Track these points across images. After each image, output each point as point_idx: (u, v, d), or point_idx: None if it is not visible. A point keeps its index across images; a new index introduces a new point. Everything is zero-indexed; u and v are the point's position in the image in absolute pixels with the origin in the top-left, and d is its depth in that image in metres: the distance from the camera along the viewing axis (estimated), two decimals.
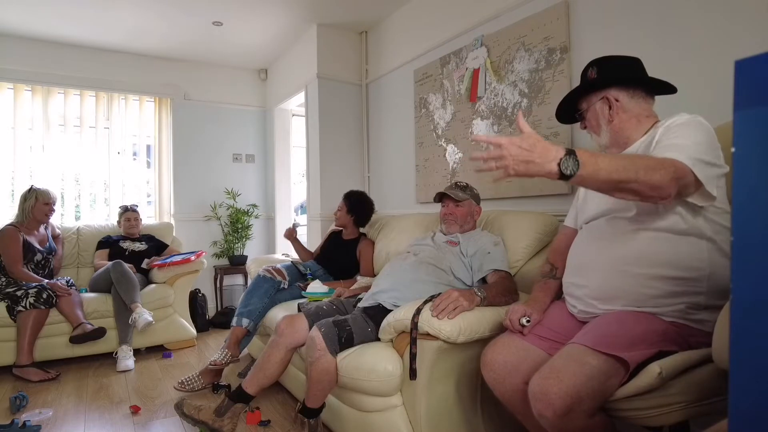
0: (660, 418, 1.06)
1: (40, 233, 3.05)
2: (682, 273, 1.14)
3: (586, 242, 1.36)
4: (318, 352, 1.65)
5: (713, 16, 1.62)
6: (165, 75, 4.17)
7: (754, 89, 0.50)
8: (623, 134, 1.32)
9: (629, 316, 1.15)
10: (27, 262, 2.88)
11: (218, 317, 3.97)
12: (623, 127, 1.31)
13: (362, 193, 2.95)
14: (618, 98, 1.31)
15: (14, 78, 3.59)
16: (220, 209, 4.36)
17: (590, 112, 1.37)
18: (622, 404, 1.08)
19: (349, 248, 2.85)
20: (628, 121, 1.31)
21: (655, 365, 1.03)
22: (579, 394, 1.03)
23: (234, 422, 1.83)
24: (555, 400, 1.03)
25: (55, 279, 3.01)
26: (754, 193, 0.50)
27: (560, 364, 1.09)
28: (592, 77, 1.36)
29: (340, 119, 3.63)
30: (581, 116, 1.42)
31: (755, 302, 0.50)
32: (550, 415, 1.04)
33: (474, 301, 1.56)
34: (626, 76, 1.33)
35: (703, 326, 1.13)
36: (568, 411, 1.03)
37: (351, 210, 2.85)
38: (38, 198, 2.95)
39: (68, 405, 2.29)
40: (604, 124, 1.34)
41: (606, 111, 1.33)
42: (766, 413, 0.49)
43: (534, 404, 1.08)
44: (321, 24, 3.52)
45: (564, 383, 1.04)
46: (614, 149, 1.35)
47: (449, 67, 2.82)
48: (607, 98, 1.32)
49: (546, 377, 1.08)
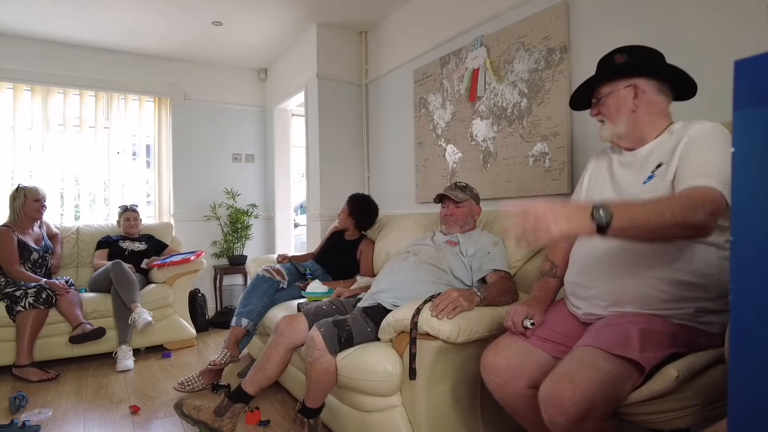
0: (674, 422, 1.03)
1: (35, 232, 3.04)
2: (694, 279, 1.12)
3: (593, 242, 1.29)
4: (317, 351, 1.65)
5: (713, 16, 1.62)
6: (164, 75, 4.17)
7: (754, 89, 0.50)
8: (640, 128, 1.26)
9: (640, 318, 1.12)
10: (24, 262, 2.88)
11: (218, 317, 3.96)
12: (643, 121, 1.26)
13: (366, 196, 2.94)
14: (645, 89, 1.25)
15: (14, 78, 3.58)
16: (219, 209, 4.35)
17: (612, 98, 1.28)
18: (636, 408, 1.05)
19: (350, 248, 2.85)
20: (649, 115, 1.26)
21: (672, 368, 1.00)
22: (594, 399, 0.99)
23: (233, 422, 1.83)
24: (569, 407, 0.99)
25: (54, 279, 3.00)
26: (753, 193, 0.50)
27: (573, 369, 1.04)
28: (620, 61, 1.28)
29: (340, 119, 3.63)
30: (599, 101, 1.32)
31: (755, 302, 0.50)
32: (563, 421, 1.00)
33: (474, 301, 1.56)
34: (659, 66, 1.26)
35: (710, 328, 1.12)
36: (583, 417, 0.99)
37: (352, 213, 2.84)
38: (27, 195, 2.93)
39: (68, 405, 2.28)
40: (625, 112, 1.27)
41: (630, 99, 1.26)
42: (765, 413, 0.49)
43: (546, 410, 1.04)
44: (321, 24, 3.52)
45: (578, 388, 0.99)
46: (626, 142, 1.30)
47: (449, 67, 2.82)
48: (635, 86, 1.25)
49: (558, 382, 1.03)
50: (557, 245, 1.48)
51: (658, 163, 1.21)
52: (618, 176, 1.31)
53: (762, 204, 0.50)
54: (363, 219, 2.87)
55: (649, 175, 1.21)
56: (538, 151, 2.26)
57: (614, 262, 1.21)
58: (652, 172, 1.21)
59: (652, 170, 1.21)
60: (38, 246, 3.01)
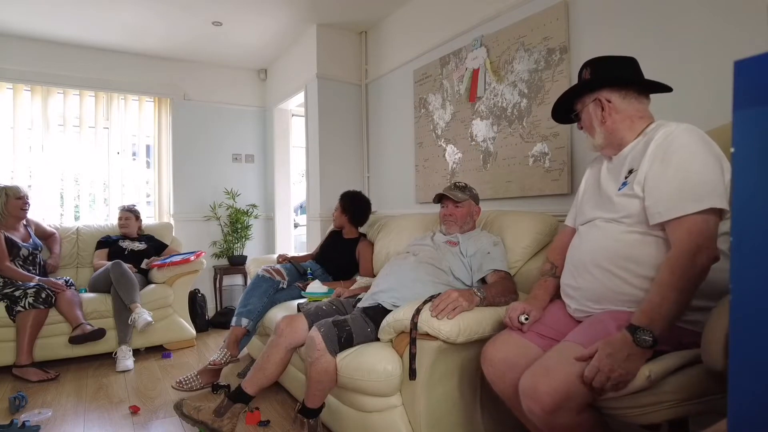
0: (651, 416, 1.06)
1: (22, 232, 3.04)
2: None
3: (580, 243, 1.37)
4: (317, 352, 1.64)
5: (713, 17, 1.62)
6: (164, 75, 4.17)
7: (754, 89, 0.50)
8: (617, 135, 1.31)
9: (622, 316, 1.16)
10: (14, 258, 2.88)
11: (218, 317, 3.96)
12: (616, 128, 1.31)
13: (356, 192, 2.95)
14: (610, 99, 1.31)
15: (13, 78, 3.58)
16: (219, 209, 4.35)
17: (584, 114, 1.37)
18: (612, 402, 1.09)
19: (348, 247, 2.85)
20: (622, 122, 1.30)
21: (644, 368, 1.04)
22: (568, 391, 1.04)
23: (233, 422, 1.83)
24: (543, 397, 1.05)
25: (51, 278, 3.00)
26: (753, 193, 0.50)
27: (551, 362, 1.11)
28: (585, 78, 1.36)
29: (340, 119, 3.63)
30: (577, 117, 1.41)
31: (755, 302, 0.50)
32: (538, 410, 1.06)
33: (473, 302, 1.56)
34: (618, 76, 1.32)
35: (695, 327, 1.13)
36: (557, 408, 1.04)
37: (345, 209, 2.86)
38: (9, 194, 2.94)
39: (67, 405, 2.28)
40: (597, 125, 1.33)
41: (599, 112, 1.33)
42: (765, 413, 0.49)
43: (523, 400, 1.10)
44: (320, 24, 3.52)
45: (554, 380, 1.05)
46: (609, 150, 1.35)
47: (449, 68, 2.82)
48: (599, 100, 1.32)
49: (536, 374, 1.10)
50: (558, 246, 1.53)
51: (630, 169, 1.24)
52: (603, 183, 1.36)
53: (762, 204, 0.50)
54: (356, 214, 2.88)
55: (623, 181, 1.26)
56: (537, 152, 2.26)
57: (598, 262, 1.26)
58: (625, 178, 1.25)
59: (625, 176, 1.25)
60: (26, 243, 3.00)
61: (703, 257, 1.05)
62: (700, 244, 1.05)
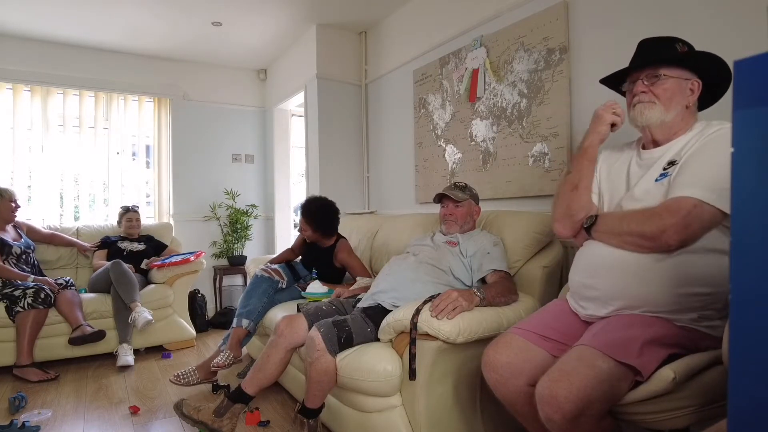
0: (670, 421, 1.04)
1: (11, 233, 3.04)
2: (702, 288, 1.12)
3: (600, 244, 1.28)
4: (317, 352, 1.64)
5: (713, 16, 1.62)
6: (164, 75, 4.16)
7: (754, 89, 0.50)
8: (678, 124, 1.25)
9: (640, 320, 1.12)
10: (7, 257, 2.88)
11: (217, 317, 3.96)
12: (685, 119, 1.25)
13: (316, 202, 2.70)
14: (696, 91, 1.25)
15: (13, 78, 3.58)
16: (219, 209, 4.35)
17: (674, 83, 1.24)
18: (632, 408, 1.06)
19: (327, 257, 2.69)
20: (692, 115, 1.26)
21: (669, 370, 1.01)
22: (589, 397, 1.00)
23: (233, 422, 1.83)
24: (564, 404, 1.00)
25: (48, 278, 2.99)
26: (753, 193, 0.50)
27: (570, 367, 1.05)
28: (684, 51, 1.26)
29: (340, 119, 3.63)
30: (655, 79, 1.25)
31: (754, 302, 0.50)
32: (558, 418, 1.01)
33: (473, 302, 1.56)
34: (722, 76, 1.25)
35: (713, 331, 1.12)
36: (578, 415, 1.00)
37: (315, 228, 2.64)
38: (3, 195, 2.96)
39: (67, 405, 2.28)
40: (680, 103, 1.24)
41: (688, 94, 1.25)
42: (765, 413, 0.49)
43: (542, 407, 1.05)
44: (320, 24, 3.52)
45: (574, 386, 1.00)
46: (658, 132, 1.27)
47: (448, 68, 2.82)
48: (695, 84, 1.25)
49: (555, 380, 1.04)
50: None
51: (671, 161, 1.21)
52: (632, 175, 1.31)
53: (762, 204, 0.50)
54: (326, 226, 2.67)
55: (661, 172, 1.22)
56: (537, 152, 2.26)
57: (620, 265, 1.20)
58: (664, 169, 1.22)
59: (664, 168, 1.22)
60: (17, 242, 3.00)
61: (656, 227, 1.08)
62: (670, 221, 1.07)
